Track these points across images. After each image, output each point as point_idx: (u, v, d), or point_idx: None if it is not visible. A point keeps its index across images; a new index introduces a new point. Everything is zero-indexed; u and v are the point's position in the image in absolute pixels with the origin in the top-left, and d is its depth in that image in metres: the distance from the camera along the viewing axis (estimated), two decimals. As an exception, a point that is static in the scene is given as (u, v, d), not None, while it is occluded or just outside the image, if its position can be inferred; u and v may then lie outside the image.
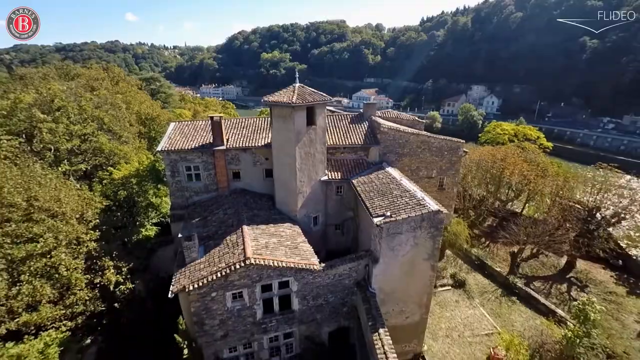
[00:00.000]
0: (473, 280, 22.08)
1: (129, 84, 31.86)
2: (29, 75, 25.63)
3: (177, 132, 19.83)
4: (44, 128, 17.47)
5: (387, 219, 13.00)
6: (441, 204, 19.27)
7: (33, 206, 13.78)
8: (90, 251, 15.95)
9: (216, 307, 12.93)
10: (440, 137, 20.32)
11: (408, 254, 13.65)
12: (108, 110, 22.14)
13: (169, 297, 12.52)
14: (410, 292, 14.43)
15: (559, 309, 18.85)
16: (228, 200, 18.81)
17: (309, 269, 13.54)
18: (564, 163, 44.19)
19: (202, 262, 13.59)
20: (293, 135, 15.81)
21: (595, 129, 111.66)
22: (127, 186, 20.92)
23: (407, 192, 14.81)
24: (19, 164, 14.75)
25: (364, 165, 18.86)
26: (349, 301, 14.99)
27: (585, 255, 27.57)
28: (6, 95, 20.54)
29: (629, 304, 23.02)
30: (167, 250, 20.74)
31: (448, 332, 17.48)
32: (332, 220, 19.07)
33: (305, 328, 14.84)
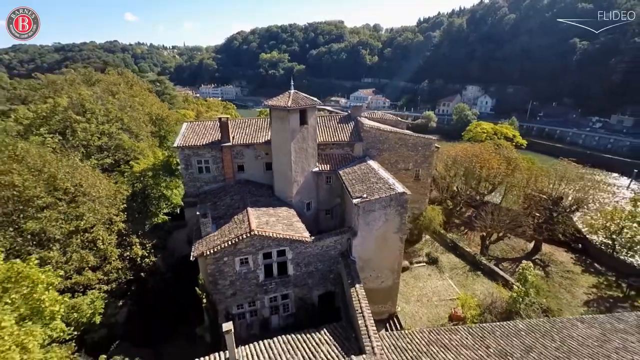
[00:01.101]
0: (446, 259, 25.48)
1: (142, 88, 35.23)
2: (59, 81, 29.08)
3: (190, 131, 23.12)
4: (79, 127, 20.71)
5: (363, 200, 16.34)
6: (417, 192, 22.81)
7: (78, 191, 17.05)
8: (120, 230, 19.25)
9: (227, 269, 16.24)
10: (415, 135, 23.68)
11: (381, 228, 16.99)
12: (127, 112, 25.40)
13: (190, 260, 15.80)
14: (384, 260, 17.78)
15: (512, 278, 22.24)
16: (234, 189, 22.12)
17: (302, 240, 16.87)
18: (541, 158, 47.66)
19: (215, 234, 16.90)
20: (289, 133, 19.11)
21: (584, 128, 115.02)
22: (143, 179, 24.15)
23: (382, 179, 18.16)
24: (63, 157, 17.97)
25: (349, 159, 22.19)
26: (335, 269, 18.31)
27: (550, 240, 31.07)
28: (44, 100, 23.78)
29: (581, 280, 26.49)
30: (181, 233, 24.05)
31: (419, 298, 20.85)
32: (322, 206, 22.39)
33: (299, 291, 18.17)
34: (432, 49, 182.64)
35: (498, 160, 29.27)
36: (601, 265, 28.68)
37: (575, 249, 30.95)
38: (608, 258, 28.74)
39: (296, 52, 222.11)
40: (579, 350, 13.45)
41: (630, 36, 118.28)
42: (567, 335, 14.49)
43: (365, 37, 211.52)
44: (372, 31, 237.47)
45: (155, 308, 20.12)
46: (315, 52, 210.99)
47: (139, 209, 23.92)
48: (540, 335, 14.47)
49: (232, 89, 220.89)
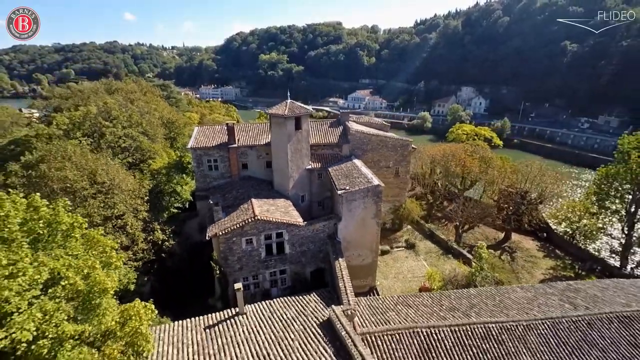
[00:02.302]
0: (423, 245, 29.30)
1: (154, 94, 38.92)
2: (86, 90, 32.73)
3: (201, 134, 26.88)
4: (107, 131, 24.39)
5: (346, 191, 20.11)
6: (397, 187, 26.59)
7: (112, 184, 20.78)
8: (144, 217, 22.96)
9: (235, 247, 20.00)
10: (395, 137, 27.47)
11: (360, 214, 20.75)
12: (145, 117, 29.11)
13: (201, 243, 19.57)
14: (364, 241, 21.54)
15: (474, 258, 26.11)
16: (239, 184, 25.90)
17: (296, 224, 20.64)
18: (530, 157, 51.43)
19: (225, 220, 20.66)
20: (286, 137, 22.86)
21: (573, 129, 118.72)
22: (157, 177, 27.79)
23: (363, 174, 21.94)
24: (100, 156, 21.67)
25: (337, 158, 25.96)
26: (324, 249, 22.06)
27: (520, 230, 34.97)
28: (75, 107, 27.44)
29: (542, 263, 30.38)
30: (193, 222, 27.79)
31: (395, 275, 24.66)
32: (315, 198, 26.15)
33: (294, 267, 21.93)
34: (429, 50, 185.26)
35: (472, 159, 33.09)
36: (562, 252, 32.59)
37: (540, 238, 34.82)
38: (568, 245, 32.63)
39: (295, 53, 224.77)
40: (511, 306, 17.26)
41: (619, 39, 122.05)
42: (506, 297, 18.30)
43: (362, 39, 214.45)
44: (370, 32, 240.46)
45: (173, 284, 23.85)
46: (314, 53, 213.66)
47: (155, 202, 27.64)
48: (485, 297, 18.27)
49: (232, 89, 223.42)
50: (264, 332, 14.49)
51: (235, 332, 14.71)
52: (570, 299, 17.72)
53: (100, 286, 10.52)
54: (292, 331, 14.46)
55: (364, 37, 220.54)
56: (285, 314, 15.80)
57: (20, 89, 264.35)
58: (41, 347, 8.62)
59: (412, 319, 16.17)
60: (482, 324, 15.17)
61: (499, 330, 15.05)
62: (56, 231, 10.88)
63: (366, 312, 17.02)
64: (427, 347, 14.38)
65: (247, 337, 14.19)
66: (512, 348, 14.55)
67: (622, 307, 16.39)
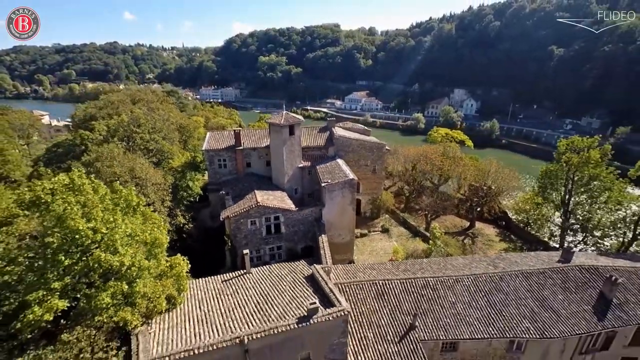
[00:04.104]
0: (396, 230, 35.20)
1: (169, 103, 44.65)
2: (116, 100, 38.61)
3: (212, 138, 32.70)
4: (137, 137, 30.14)
5: (328, 183, 25.95)
6: (374, 182, 32.46)
7: (146, 178, 26.58)
8: (169, 205, 28.76)
9: (242, 227, 25.81)
10: (372, 140, 33.34)
11: (340, 202, 26.58)
12: (165, 124, 34.93)
13: (216, 225, 25.28)
14: (343, 223, 27.37)
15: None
16: (244, 179, 31.73)
17: (290, 209, 26.47)
18: (519, 157, 57.32)
19: (234, 206, 26.49)
20: (282, 141, 28.66)
21: (558, 130, 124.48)
22: (175, 174, 33.56)
23: (342, 171, 27.80)
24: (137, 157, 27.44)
25: (324, 158, 31.79)
26: (312, 230, 27.86)
27: (484, 219, 40.91)
28: (109, 116, 33.23)
29: (497, 246, 36.31)
30: (206, 211, 33.61)
31: (370, 252, 30.56)
32: (306, 190, 31.97)
33: (288, 244, 27.76)
34: (424, 53, 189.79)
35: (440, 158, 38.95)
36: (516, 237, 38.54)
37: (500, 226, 40.78)
38: (521, 231, 38.57)
39: (293, 55, 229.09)
40: (450, 268, 23.07)
41: (602, 45, 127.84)
42: (448, 263, 24.13)
43: (360, 41, 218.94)
44: (367, 34, 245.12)
45: (191, 259, 29.59)
46: (312, 55, 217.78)
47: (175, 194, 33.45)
48: (433, 264, 24.13)
49: (232, 90, 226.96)
50: (264, 282, 20.29)
51: (244, 283, 20.52)
52: (495, 263, 23.58)
53: (158, 241, 16.44)
54: (285, 282, 20.29)
55: (361, 39, 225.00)
56: (280, 272, 21.62)
57: (22, 89, 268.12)
58: (132, 271, 14.44)
59: (374, 276, 22.04)
60: (422, 278, 21.12)
61: (434, 282, 20.99)
62: (130, 206, 16.73)
63: (341, 273, 22.87)
64: (382, 292, 20.30)
65: (253, 285, 19.99)
66: (443, 293, 20.47)
67: (527, 267, 22.27)
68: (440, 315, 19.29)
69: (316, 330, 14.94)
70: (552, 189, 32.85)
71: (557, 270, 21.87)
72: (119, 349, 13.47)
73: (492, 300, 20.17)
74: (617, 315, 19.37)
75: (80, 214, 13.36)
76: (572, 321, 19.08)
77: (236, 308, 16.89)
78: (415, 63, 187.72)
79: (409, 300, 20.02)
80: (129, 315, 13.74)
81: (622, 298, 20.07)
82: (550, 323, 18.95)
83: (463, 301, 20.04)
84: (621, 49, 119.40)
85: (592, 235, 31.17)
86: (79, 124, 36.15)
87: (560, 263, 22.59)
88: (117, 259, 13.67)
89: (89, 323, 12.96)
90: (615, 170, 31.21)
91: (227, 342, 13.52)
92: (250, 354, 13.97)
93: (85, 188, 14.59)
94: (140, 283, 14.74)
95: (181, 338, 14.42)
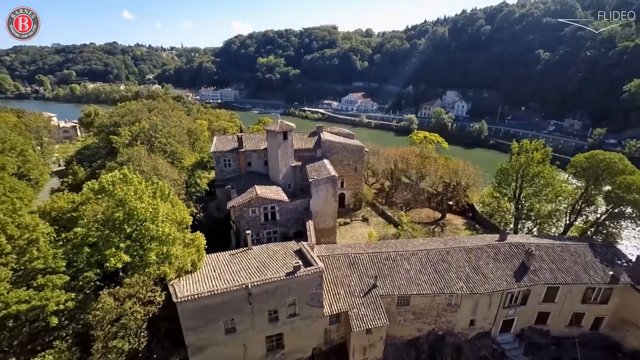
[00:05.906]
0: (375, 219, 41.28)
1: (179, 110, 50.53)
2: (135, 109, 44.55)
3: (219, 142, 38.66)
4: (156, 141, 36.02)
5: (314, 179, 31.97)
6: (356, 178, 38.60)
7: (166, 174, 32.50)
8: (183, 197, 34.69)
9: (245, 215, 31.79)
10: (354, 143, 39.36)
11: (324, 194, 32.59)
12: (178, 129, 40.87)
13: (227, 209, 31.23)
14: (327, 211, 33.39)
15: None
16: (245, 176, 37.70)
17: (284, 201, 32.47)
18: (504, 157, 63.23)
19: (238, 198, 32.47)
20: (277, 144, 34.63)
21: (543, 131, 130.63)
22: (186, 172, 39.45)
23: (327, 169, 33.82)
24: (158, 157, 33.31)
25: (313, 158, 37.78)
26: (302, 217, 33.82)
27: (454, 211, 47.01)
28: (131, 123, 39.18)
29: (462, 233, 42.31)
30: (213, 203, 39.54)
31: (351, 237, 36.63)
32: (298, 186, 37.95)
33: (282, 229, 33.75)
34: (418, 55, 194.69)
35: (416, 158, 45.02)
36: (480, 226, 44.60)
37: (467, 217, 46.91)
38: (485, 221, 44.64)
39: (291, 56, 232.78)
40: (410, 246, 29.08)
41: (585, 49, 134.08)
42: (411, 243, 30.15)
43: (356, 44, 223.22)
44: (364, 36, 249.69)
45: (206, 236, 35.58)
46: (310, 57, 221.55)
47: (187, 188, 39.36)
48: (397, 243, 30.17)
49: (231, 91, 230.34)
50: (263, 254, 26.26)
51: (247, 255, 26.50)
52: (446, 242, 29.64)
53: (185, 220, 22.48)
54: (279, 254, 26.28)
55: (358, 41, 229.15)
56: (275, 248, 27.62)
57: (23, 90, 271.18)
58: (169, 239, 20.40)
59: (348, 252, 28.09)
60: (385, 252, 27.16)
61: (394, 255, 27.03)
62: (163, 195, 22.72)
63: (323, 249, 28.91)
64: (352, 262, 26.37)
65: (254, 257, 25.95)
66: (400, 263, 26.50)
67: (470, 244, 28.34)
68: (397, 278, 25.34)
69: (299, 282, 20.98)
70: (505, 184, 38.89)
71: (492, 246, 27.97)
72: (161, 291, 19.48)
73: (437, 268, 26.22)
74: (531, 278, 25.49)
75: (134, 198, 19.35)
76: (496, 282, 25.18)
77: (242, 270, 22.89)
78: (410, 65, 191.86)
79: (374, 269, 26.03)
80: (167, 269, 19.72)
81: (537, 266, 26.20)
82: (480, 283, 25.04)
83: (415, 269, 26.08)
84: (602, 53, 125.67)
85: (535, 223, 37.26)
86: (103, 129, 42.11)
87: (497, 241, 28.69)
88: (160, 230, 19.64)
89: (141, 272, 18.95)
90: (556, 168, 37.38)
91: (236, 287, 19.53)
92: (252, 296, 19.98)
93: (133, 180, 20.57)
94: (174, 248, 20.70)
95: (203, 286, 20.41)
